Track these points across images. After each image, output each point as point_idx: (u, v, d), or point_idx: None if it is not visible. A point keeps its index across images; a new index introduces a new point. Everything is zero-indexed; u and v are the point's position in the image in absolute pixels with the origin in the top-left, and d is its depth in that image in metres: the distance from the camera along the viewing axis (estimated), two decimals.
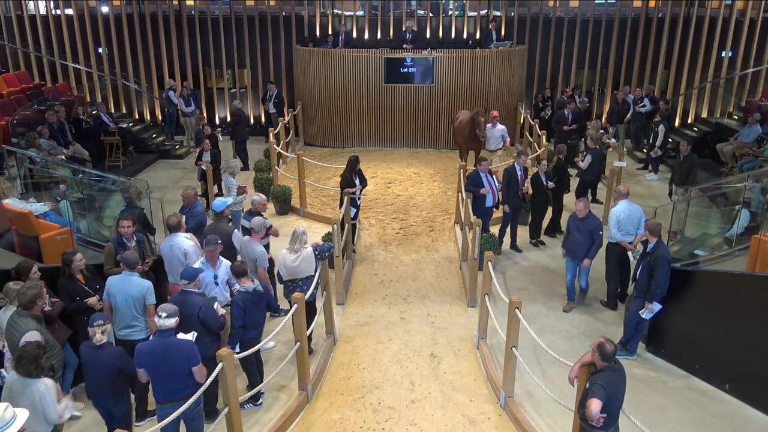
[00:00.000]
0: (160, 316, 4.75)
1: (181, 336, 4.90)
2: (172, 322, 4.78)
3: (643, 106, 14.46)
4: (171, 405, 4.78)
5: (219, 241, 6.30)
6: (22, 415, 3.73)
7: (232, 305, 5.75)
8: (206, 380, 4.95)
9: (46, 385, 4.43)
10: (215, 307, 5.64)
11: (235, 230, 7.35)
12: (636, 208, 7.79)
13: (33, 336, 4.88)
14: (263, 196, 7.84)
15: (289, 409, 5.97)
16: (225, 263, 6.33)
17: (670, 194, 10.45)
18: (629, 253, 7.64)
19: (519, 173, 9.28)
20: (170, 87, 14.96)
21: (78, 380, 6.01)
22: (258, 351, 6.06)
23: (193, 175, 12.96)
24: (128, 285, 5.72)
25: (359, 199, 9.75)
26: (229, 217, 7.84)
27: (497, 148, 11.91)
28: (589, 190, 11.22)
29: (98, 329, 4.86)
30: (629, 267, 7.91)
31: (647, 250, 6.69)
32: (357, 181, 9.37)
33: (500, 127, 11.81)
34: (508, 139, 12.04)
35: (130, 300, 5.69)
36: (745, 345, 6.03)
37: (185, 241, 6.64)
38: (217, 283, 6.20)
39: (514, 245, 9.74)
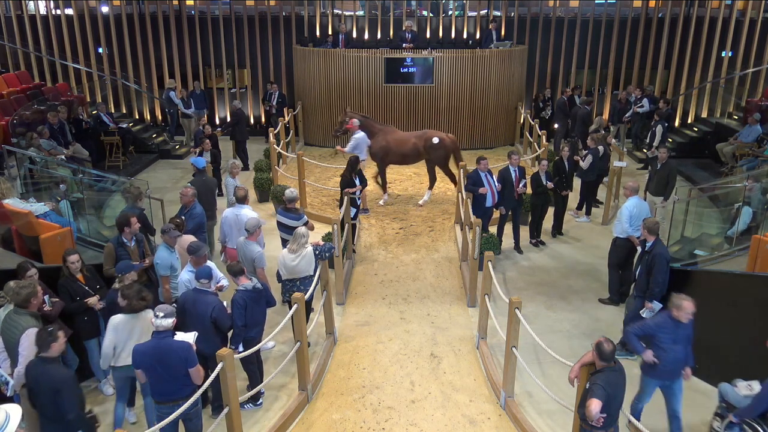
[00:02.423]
0: (157, 316, 4.75)
1: (180, 336, 4.90)
2: (169, 322, 4.78)
3: (641, 106, 14.47)
4: (169, 405, 4.79)
5: (204, 246, 6.38)
6: (16, 413, 3.67)
7: (233, 304, 5.75)
8: (204, 382, 4.95)
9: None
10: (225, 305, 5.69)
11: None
12: (644, 204, 7.90)
13: (34, 332, 4.89)
14: (294, 190, 7.98)
15: (289, 409, 5.98)
16: (210, 265, 6.34)
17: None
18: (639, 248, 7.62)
19: (513, 174, 9.28)
20: (170, 87, 14.99)
21: (80, 379, 6.01)
22: (258, 350, 6.07)
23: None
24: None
25: (359, 199, 9.76)
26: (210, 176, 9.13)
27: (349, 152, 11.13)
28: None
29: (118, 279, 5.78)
30: (632, 264, 7.93)
31: (645, 249, 6.70)
32: (357, 182, 9.37)
33: (355, 135, 11.04)
34: (344, 149, 11.13)
35: (167, 270, 6.40)
36: (745, 345, 6.03)
37: (250, 212, 7.53)
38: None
39: (517, 246, 9.74)
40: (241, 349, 5.77)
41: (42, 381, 4.40)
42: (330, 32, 15.91)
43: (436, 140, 11.16)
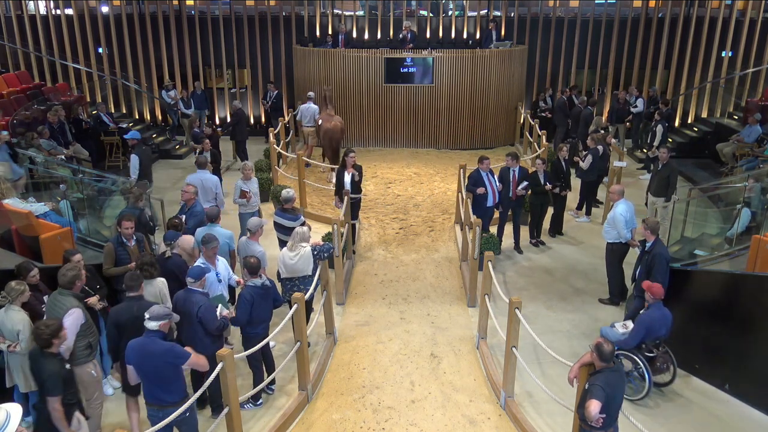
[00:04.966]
0: (145, 318, 4.70)
1: None
2: (154, 324, 4.68)
3: (635, 107, 14.47)
4: (156, 409, 4.73)
5: (217, 239, 6.37)
6: (16, 413, 3.63)
7: (240, 300, 5.76)
8: (202, 382, 4.94)
9: (162, 281, 5.84)
10: (219, 308, 5.64)
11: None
12: (632, 206, 7.90)
13: (75, 313, 5.15)
14: (290, 190, 8.06)
15: (289, 409, 5.98)
16: (222, 260, 6.39)
17: (646, 204, 10.32)
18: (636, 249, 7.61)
19: (511, 174, 9.27)
20: (165, 87, 15.04)
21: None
22: (267, 346, 6.07)
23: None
24: (217, 233, 6.71)
25: (352, 198, 9.43)
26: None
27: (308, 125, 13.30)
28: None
29: (168, 246, 6.43)
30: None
31: (645, 249, 6.70)
32: (349, 177, 9.24)
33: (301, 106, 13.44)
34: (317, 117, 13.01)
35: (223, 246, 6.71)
36: (745, 345, 6.03)
37: (212, 176, 8.70)
38: (220, 280, 6.20)
39: (517, 246, 9.74)
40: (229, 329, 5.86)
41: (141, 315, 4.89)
42: (330, 32, 15.91)
43: (320, 122, 12.50)
